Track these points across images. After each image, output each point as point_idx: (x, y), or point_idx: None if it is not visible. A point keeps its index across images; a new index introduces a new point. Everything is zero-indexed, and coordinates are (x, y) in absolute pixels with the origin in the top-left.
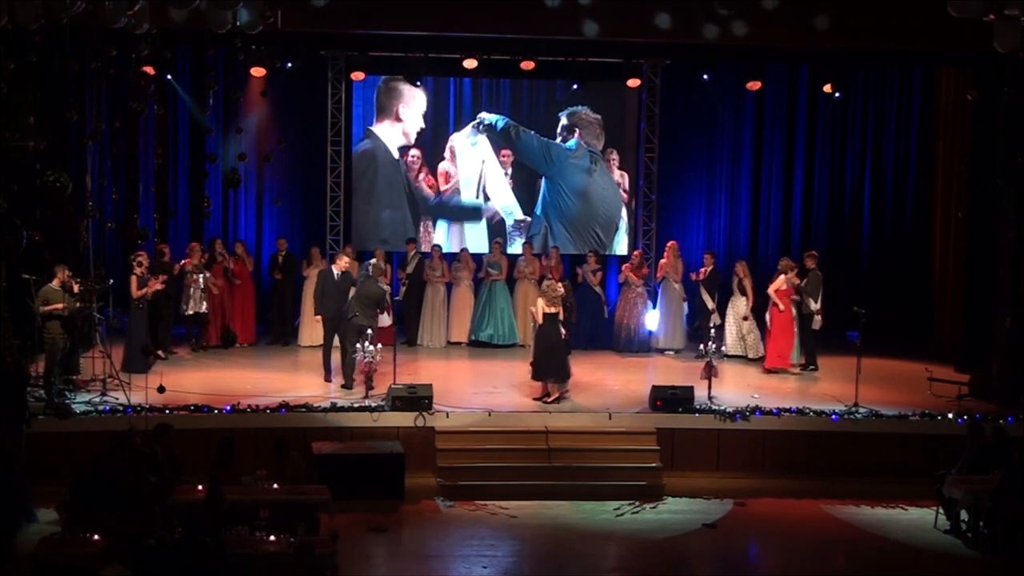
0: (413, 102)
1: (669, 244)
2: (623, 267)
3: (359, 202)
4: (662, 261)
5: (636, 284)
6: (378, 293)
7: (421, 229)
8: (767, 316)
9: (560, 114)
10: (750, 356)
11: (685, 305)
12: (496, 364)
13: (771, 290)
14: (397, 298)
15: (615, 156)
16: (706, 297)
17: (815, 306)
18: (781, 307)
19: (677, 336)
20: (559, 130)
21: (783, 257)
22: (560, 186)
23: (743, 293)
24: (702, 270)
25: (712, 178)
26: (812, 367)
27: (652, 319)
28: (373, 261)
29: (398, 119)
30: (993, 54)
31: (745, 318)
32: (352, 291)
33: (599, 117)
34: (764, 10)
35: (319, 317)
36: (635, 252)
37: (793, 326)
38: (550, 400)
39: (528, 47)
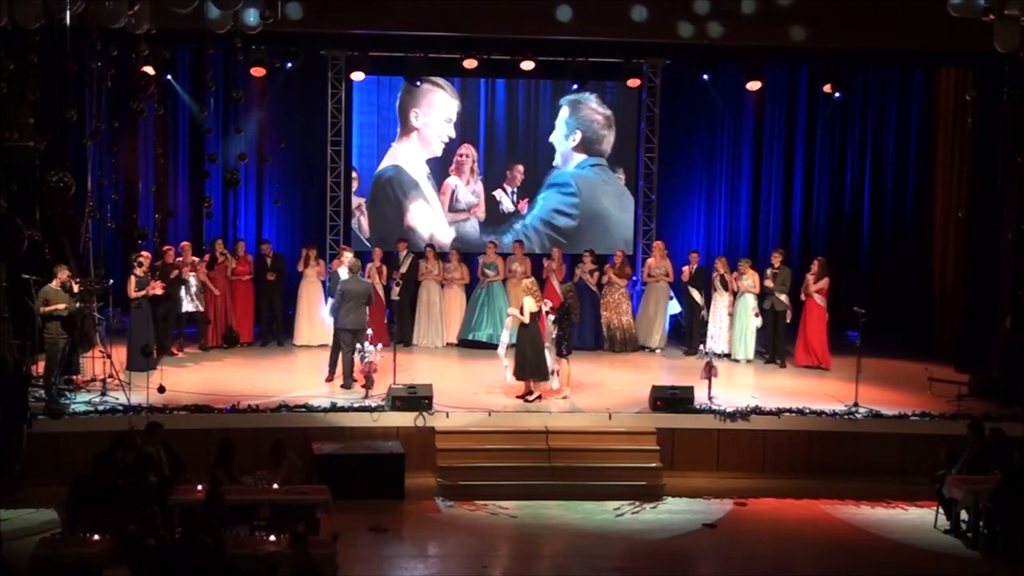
0: (433, 109)
1: (656, 244)
2: (606, 268)
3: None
4: (649, 260)
5: (620, 284)
6: (364, 289)
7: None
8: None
9: (561, 101)
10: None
11: (671, 304)
12: (494, 364)
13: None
14: (396, 299)
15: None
16: (695, 294)
17: (785, 301)
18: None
19: (657, 335)
20: (557, 122)
21: (744, 259)
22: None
23: (725, 289)
24: (686, 268)
25: (712, 178)
26: (779, 363)
27: (673, 306)
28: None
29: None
30: (993, 54)
31: (730, 314)
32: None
33: (609, 113)
34: (763, 10)
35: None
36: (617, 252)
37: (822, 324)
38: (532, 398)
39: (528, 47)
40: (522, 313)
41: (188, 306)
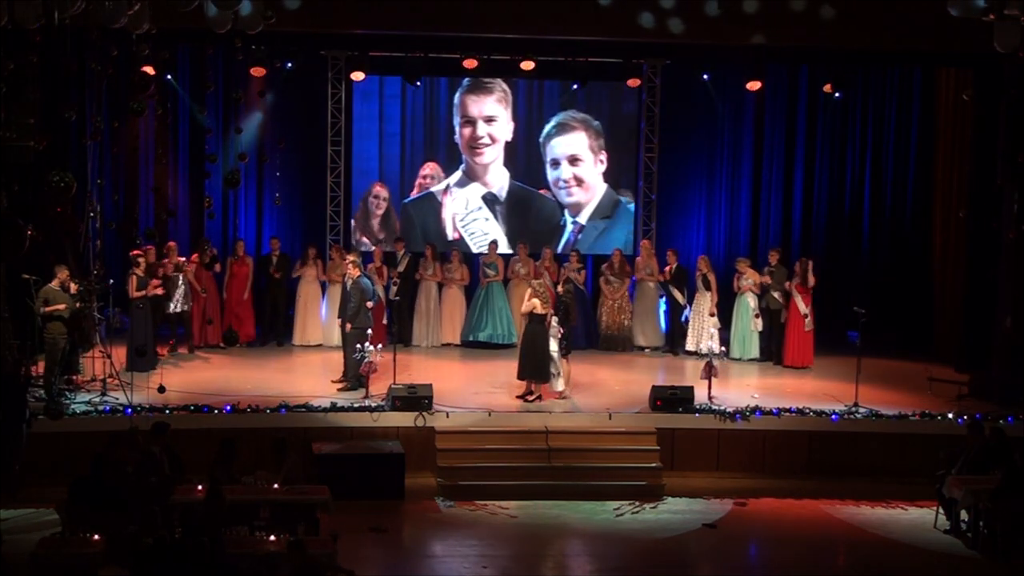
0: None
1: (643, 243)
2: (603, 267)
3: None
4: (637, 260)
5: (617, 284)
6: (372, 287)
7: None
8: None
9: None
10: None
11: (662, 302)
12: (494, 364)
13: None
14: (397, 298)
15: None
16: (676, 294)
17: (781, 300)
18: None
19: (653, 335)
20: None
21: (742, 258)
22: None
23: (708, 288)
24: (667, 268)
25: (712, 178)
26: (774, 361)
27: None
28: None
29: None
30: (993, 54)
31: (712, 313)
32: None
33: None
34: (763, 9)
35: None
36: (615, 251)
37: (801, 325)
38: (532, 399)
39: (528, 47)
40: (529, 311)
41: (176, 307)
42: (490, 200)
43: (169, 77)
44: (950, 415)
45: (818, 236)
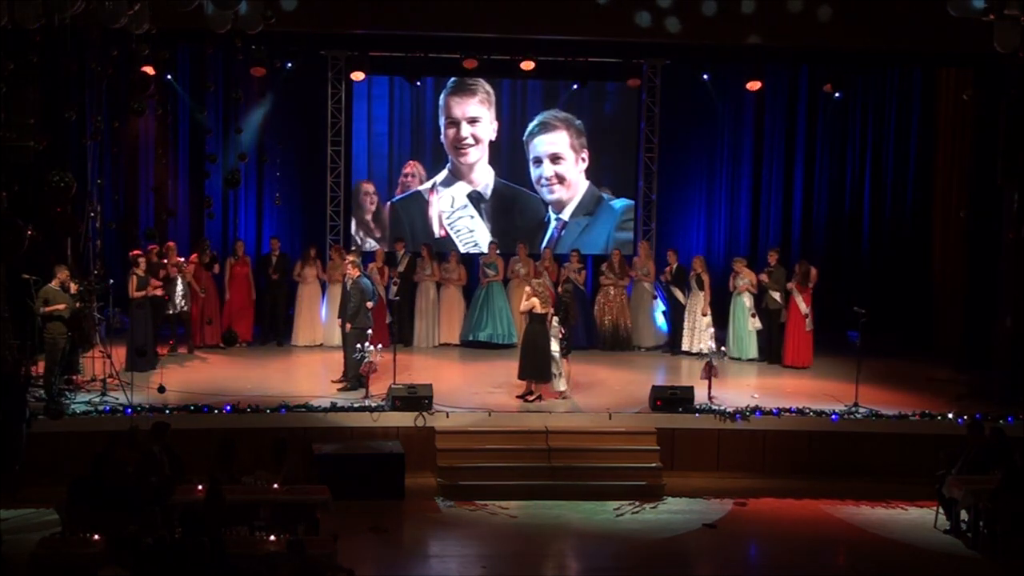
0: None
1: (641, 244)
2: (603, 266)
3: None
4: (635, 260)
5: (619, 284)
6: (371, 287)
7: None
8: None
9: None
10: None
11: (658, 303)
12: (494, 364)
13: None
14: (397, 298)
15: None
16: (677, 293)
17: (779, 300)
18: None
19: (651, 335)
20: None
21: (739, 258)
22: None
23: (701, 288)
24: (667, 268)
25: (712, 178)
26: (771, 361)
27: (659, 305)
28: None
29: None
30: (993, 54)
31: (704, 313)
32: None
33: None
34: (762, 9)
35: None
36: (614, 252)
37: (801, 326)
38: (532, 399)
39: (528, 47)
40: (528, 310)
41: (176, 307)
42: (475, 198)
43: (169, 77)
44: (950, 415)
45: (818, 236)
